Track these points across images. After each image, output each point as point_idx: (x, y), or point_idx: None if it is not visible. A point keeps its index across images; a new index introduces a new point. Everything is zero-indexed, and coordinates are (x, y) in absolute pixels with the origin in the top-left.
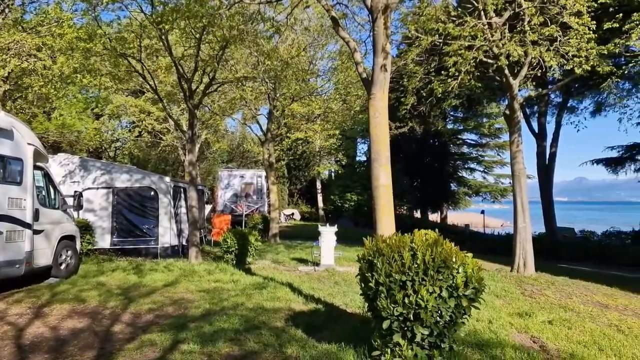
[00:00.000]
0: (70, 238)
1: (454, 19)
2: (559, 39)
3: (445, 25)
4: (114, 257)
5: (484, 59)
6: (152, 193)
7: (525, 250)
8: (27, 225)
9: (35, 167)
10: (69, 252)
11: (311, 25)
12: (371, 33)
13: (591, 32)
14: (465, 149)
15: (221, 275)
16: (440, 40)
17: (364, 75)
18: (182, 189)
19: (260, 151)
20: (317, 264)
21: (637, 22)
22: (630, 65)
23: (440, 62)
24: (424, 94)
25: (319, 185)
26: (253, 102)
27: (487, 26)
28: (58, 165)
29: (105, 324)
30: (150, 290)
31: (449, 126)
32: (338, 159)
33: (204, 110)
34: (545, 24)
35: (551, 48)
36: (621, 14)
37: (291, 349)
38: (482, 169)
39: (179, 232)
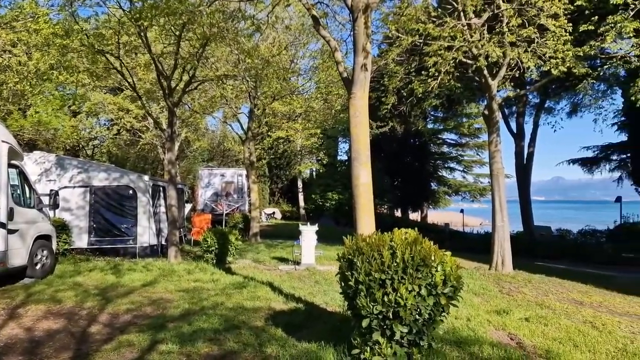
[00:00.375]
0: (46, 237)
1: (434, 19)
2: (536, 41)
3: (426, 26)
4: (91, 257)
5: (464, 60)
6: (131, 192)
7: (503, 249)
8: (1, 225)
9: (10, 165)
10: (45, 252)
11: (292, 23)
12: (352, 32)
13: (567, 34)
14: (445, 149)
15: (201, 275)
16: (421, 41)
17: (345, 75)
18: (161, 188)
19: (241, 150)
20: (298, 263)
21: (612, 25)
22: (605, 67)
23: (421, 62)
24: (405, 94)
25: (300, 184)
26: (234, 101)
27: (466, 27)
28: (34, 164)
29: (81, 324)
30: (129, 290)
31: (429, 126)
32: (319, 158)
33: (184, 109)
34: (523, 25)
35: (529, 49)
36: (596, 17)
37: (271, 348)
38: (461, 169)
39: (158, 232)
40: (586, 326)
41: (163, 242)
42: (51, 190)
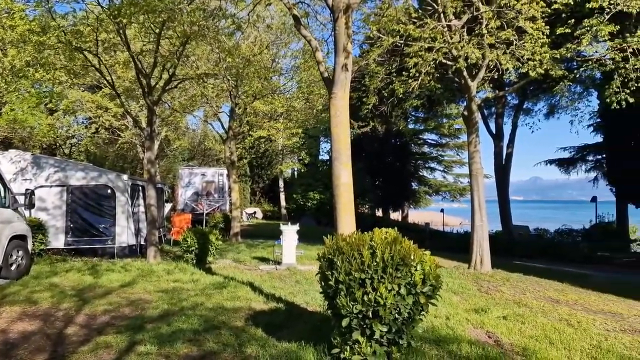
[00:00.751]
0: (22, 238)
1: (415, 20)
2: (514, 43)
3: (406, 27)
4: (68, 258)
5: (444, 61)
6: (109, 191)
7: (482, 248)
8: None
9: None
10: (20, 253)
11: (273, 23)
12: (333, 32)
13: (545, 36)
14: (426, 149)
15: (180, 275)
16: (401, 42)
17: (326, 75)
18: (140, 187)
19: (222, 149)
20: (279, 263)
21: (588, 28)
22: (582, 69)
23: (401, 62)
24: (386, 94)
25: (281, 183)
26: (214, 100)
27: (446, 28)
28: (9, 162)
29: (58, 326)
30: (106, 291)
31: (410, 126)
32: (301, 157)
33: (164, 107)
34: (502, 27)
35: (507, 51)
36: (573, 20)
37: (251, 348)
38: (442, 169)
39: (137, 232)
40: (562, 324)
41: (142, 242)
42: (27, 190)
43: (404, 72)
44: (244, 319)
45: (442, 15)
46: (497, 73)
